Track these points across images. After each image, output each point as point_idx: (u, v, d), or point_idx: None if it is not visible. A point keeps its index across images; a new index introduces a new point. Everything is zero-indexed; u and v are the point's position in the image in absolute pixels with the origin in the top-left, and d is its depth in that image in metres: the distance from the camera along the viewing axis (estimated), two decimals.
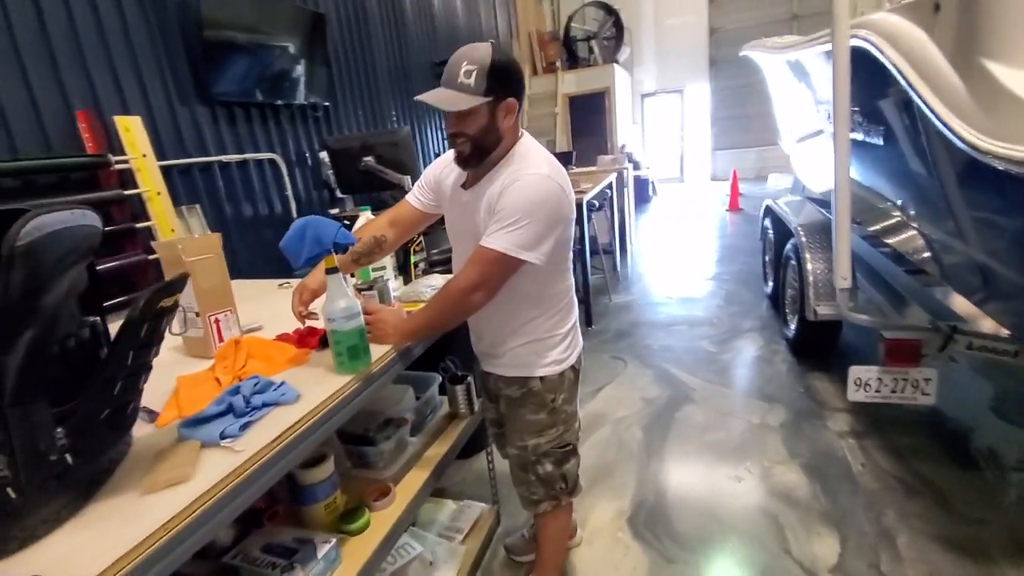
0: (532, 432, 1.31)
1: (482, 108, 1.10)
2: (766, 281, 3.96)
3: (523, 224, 1.08)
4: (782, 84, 3.71)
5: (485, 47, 1.09)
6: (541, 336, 1.27)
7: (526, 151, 1.17)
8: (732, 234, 6.25)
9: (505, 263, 1.10)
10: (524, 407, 1.30)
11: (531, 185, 1.10)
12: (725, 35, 10.12)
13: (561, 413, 1.32)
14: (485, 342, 1.35)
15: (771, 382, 2.71)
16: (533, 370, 1.28)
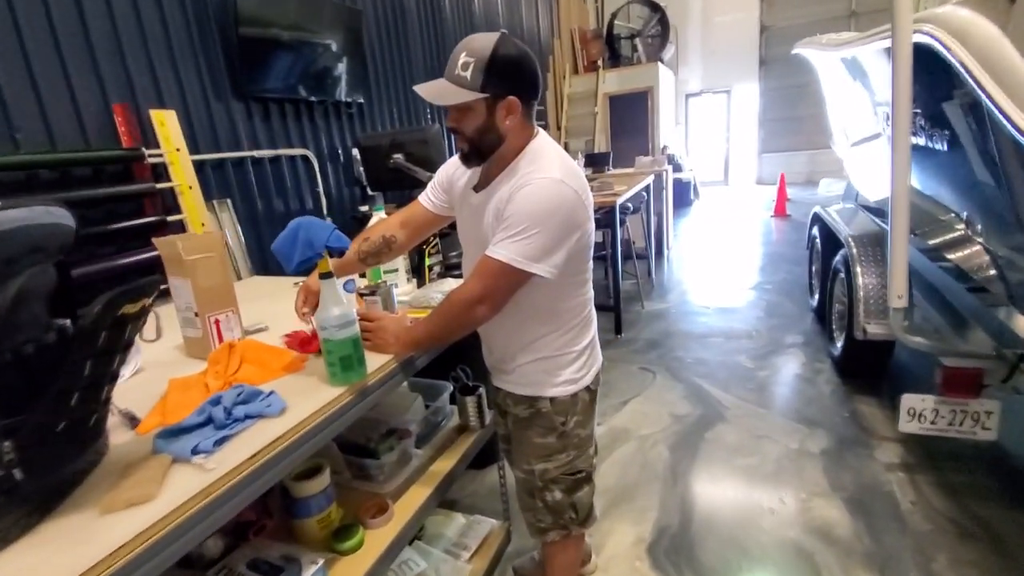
0: (539, 456, 1.22)
1: (478, 105, 1.02)
2: (812, 293, 3.72)
3: (532, 233, 0.99)
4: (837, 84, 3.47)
5: (488, 38, 1.00)
6: (553, 353, 1.17)
7: (539, 152, 1.08)
8: (777, 241, 5.95)
9: (511, 275, 1.01)
10: (531, 429, 1.21)
11: (542, 190, 1.00)
12: (777, 33, 9.70)
13: (572, 437, 1.21)
14: (494, 355, 1.26)
15: (812, 404, 2.51)
16: (543, 389, 1.18)
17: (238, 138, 3.00)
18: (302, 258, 0.96)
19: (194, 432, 0.86)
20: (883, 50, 2.36)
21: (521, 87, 1.04)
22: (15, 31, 2.04)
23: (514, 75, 1.02)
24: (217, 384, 1.02)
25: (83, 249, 2.24)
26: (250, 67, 2.98)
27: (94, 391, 0.70)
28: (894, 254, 1.75)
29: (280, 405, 0.92)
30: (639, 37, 8.05)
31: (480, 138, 1.05)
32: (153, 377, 1.15)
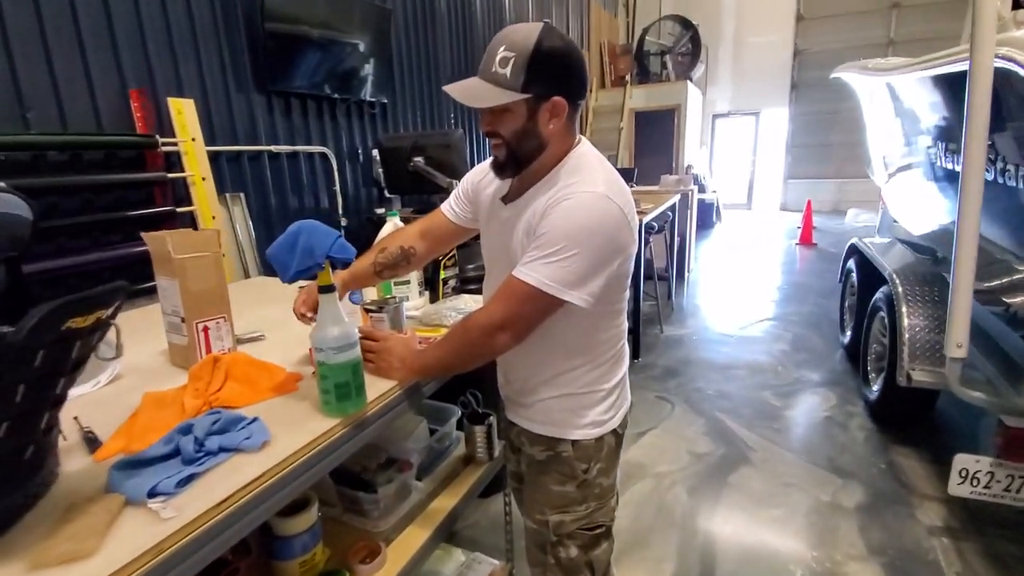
0: (555, 507, 1.06)
1: (519, 107, 0.88)
2: (843, 329, 3.53)
3: (568, 255, 0.85)
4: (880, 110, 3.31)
5: (531, 29, 0.86)
6: (579, 390, 1.02)
7: (581, 162, 0.94)
8: (803, 271, 5.74)
9: (539, 301, 0.87)
10: (548, 474, 1.06)
11: (582, 206, 0.86)
12: (811, 57, 9.54)
13: (594, 487, 1.06)
14: (512, 386, 1.12)
15: (845, 452, 2.33)
16: (565, 430, 1.03)
17: (256, 131, 2.92)
18: (300, 267, 0.83)
19: (157, 465, 0.73)
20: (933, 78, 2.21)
21: (568, 86, 0.90)
22: (34, 6, 1.97)
23: (560, 72, 0.88)
24: (195, 404, 0.89)
25: (89, 235, 2.15)
26: (275, 62, 2.90)
27: (28, 420, 0.57)
28: (956, 298, 1.59)
29: (261, 437, 0.79)
30: (669, 54, 7.94)
31: (519, 144, 0.91)
32: (130, 387, 1.03)
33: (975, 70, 1.45)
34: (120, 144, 2.24)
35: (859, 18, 9.12)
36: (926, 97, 2.37)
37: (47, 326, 0.52)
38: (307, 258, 0.84)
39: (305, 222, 0.88)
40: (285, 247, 0.86)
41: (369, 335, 1.01)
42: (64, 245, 2.08)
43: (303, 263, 0.84)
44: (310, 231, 0.86)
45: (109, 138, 2.20)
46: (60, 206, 2.09)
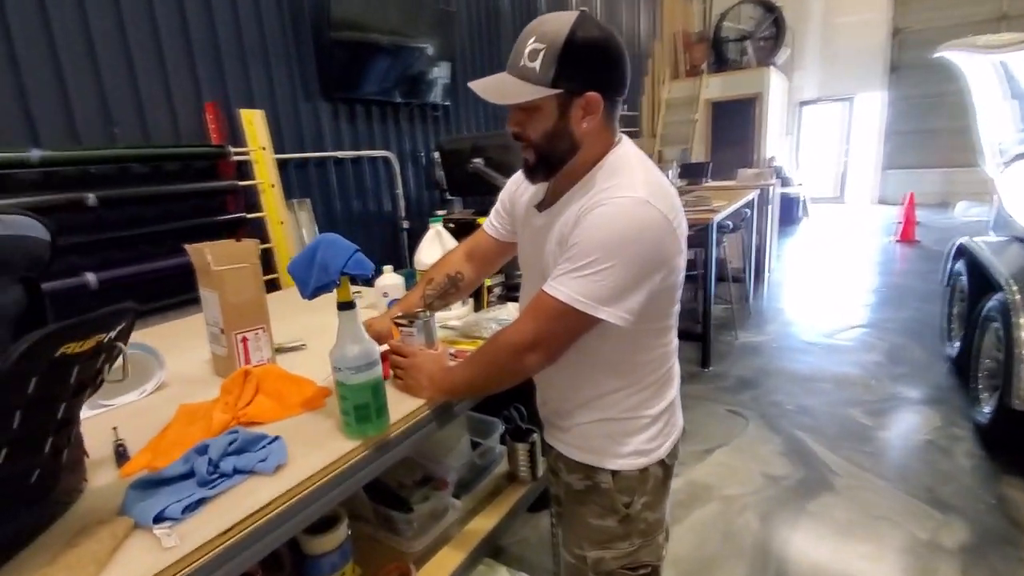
0: (595, 542, 0.97)
1: (548, 104, 0.80)
2: (949, 339, 3.11)
3: (602, 267, 0.76)
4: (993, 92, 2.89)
5: (563, 18, 0.77)
6: (621, 415, 0.92)
7: (619, 164, 0.84)
8: (902, 271, 5.17)
9: (571, 319, 0.79)
10: (586, 506, 0.96)
11: (619, 213, 0.77)
12: (912, 36, 8.59)
13: (638, 522, 0.95)
14: (548, 407, 1.03)
15: (948, 483, 2.03)
16: (604, 459, 0.93)
17: (322, 138, 3.02)
18: (318, 284, 0.80)
19: (172, 486, 0.71)
20: None
21: (604, 79, 0.80)
22: (119, 30, 2.12)
23: (596, 64, 0.79)
24: (224, 419, 0.88)
25: (166, 243, 2.30)
26: (341, 70, 2.98)
27: (30, 445, 0.57)
28: None
29: (277, 460, 0.76)
30: (750, 39, 7.43)
31: (549, 145, 0.83)
32: (173, 396, 1.05)
33: None
34: (195, 155, 2.38)
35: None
36: None
37: (38, 353, 0.51)
38: (323, 274, 0.80)
39: (324, 236, 0.84)
40: (303, 263, 0.83)
41: (398, 351, 0.97)
42: (146, 252, 2.24)
43: (320, 279, 0.81)
44: (327, 246, 0.82)
45: (185, 149, 2.33)
46: (143, 215, 2.25)
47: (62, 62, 1.95)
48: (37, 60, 1.89)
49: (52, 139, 1.94)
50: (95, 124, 2.07)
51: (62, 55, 1.95)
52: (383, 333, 1.04)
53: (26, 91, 1.87)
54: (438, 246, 1.32)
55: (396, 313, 1.06)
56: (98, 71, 2.06)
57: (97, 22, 2.04)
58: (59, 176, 1.95)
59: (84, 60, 2.02)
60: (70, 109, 1.99)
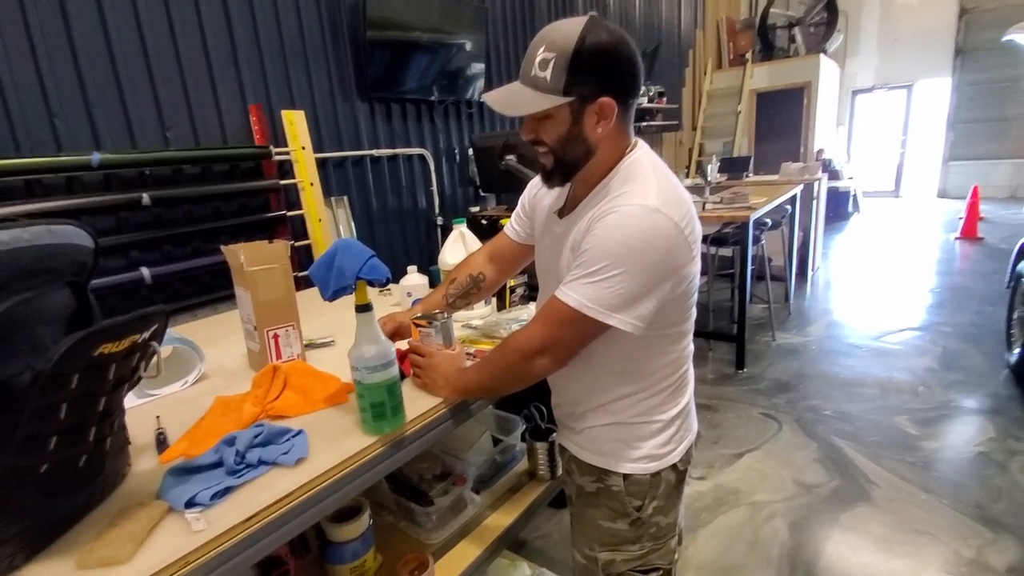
0: (605, 543, 0.98)
1: (561, 111, 0.81)
2: (1011, 345, 2.91)
3: (612, 274, 0.77)
4: None
5: (573, 25, 0.78)
6: (632, 419, 0.93)
7: (632, 170, 0.84)
8: (963, 271, 4.86)
9: (581, 325, 0.80)
10: (597, 508, 0.98)
11: (629, 221, 0.77)
12: (981, 16, 8.00)
13: (650, 526, 0.96)
14: (562, 409, 1.05)
15: (1001, 499, 1.91)
16: (616, 462, 0.94)
17: (360, 137, 3.10)
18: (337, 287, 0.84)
19: (204, 474, 0.77)
20: None
21: (616, 84, 0.81)
22: (171, 40, 2.25)
23: (607, 69, 0.79)
24: (253, 412, 0.94)
25: (216, 240, 2.43)
26: (377, 70, 3.05)
27: (76, 433, 0.63)
28: None
29: (298, 454, 0.81)
30: (799, 26, 7.10)
31: (565, 151, 0.85)
32: (212, 388, 1.13)
33: None
34: (240, 156, 2.49)
35: None
36: None
37: (77, 354, 0.56)
38: (340, 278, 0.84)
39: (342, 241, 0.89)
40: (323, 267, 0.88)
41: (416, 350, 1.01)
42: (197, 248, 2.37)
43: (338, 283, 0.85)
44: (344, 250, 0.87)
45: (230, 151, 2.45)
46: (194, 213, 2.38)
47: (120, 72, 2.09)
48: (99, 71, 2.04)
49: (112, 143, 2.08)
50: (150, 129, 2.21)
51: (120, 66, 2.08)
52: (404, 325, 1.08)
53: (89, 100, 2.01)
54: (461, 247, 1.35)
55: (417, 312, 1.09)
56: (152, 79, 2.19)
57: (151, 34, 2.17)
58: (118, 178, 2.10)
59: (140, 70, 2.16)
60: (128, 115, 2.13)
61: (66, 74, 1.96)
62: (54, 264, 0.65)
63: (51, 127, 1.92)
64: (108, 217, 2.04)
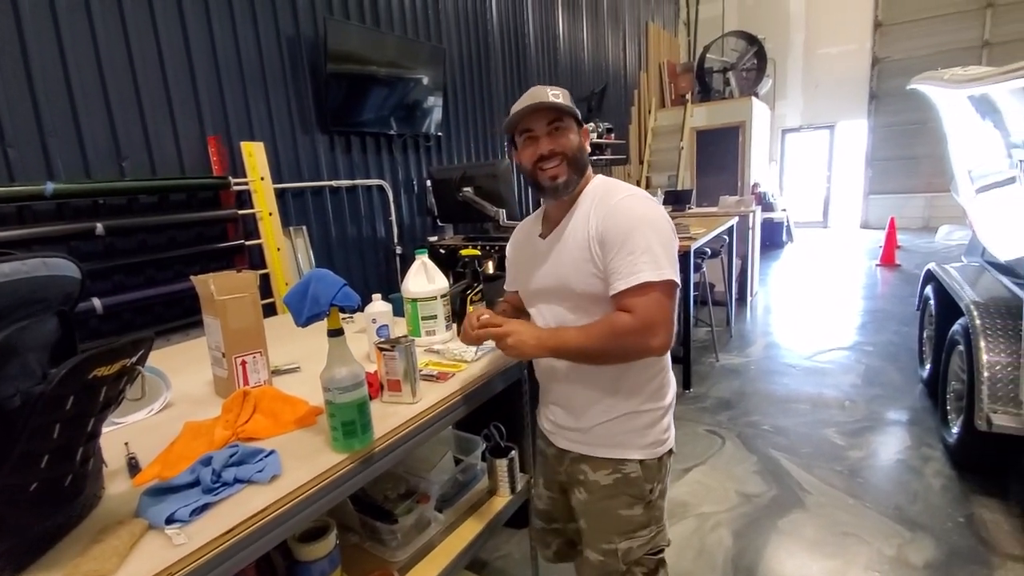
0: (624, 532, 1.07)
1: (572, 125, 1.05)
2: (922, 362, 3.23)
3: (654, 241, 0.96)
4: (962, 123, 3.05)
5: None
6: (641, 407, 1.06)
7: (605, 183, 1.07)
8: (883, 295, 5.31)
9: (670, 291, 0.96)
10: (616, 498, 1.07)
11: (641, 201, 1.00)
12: (892, 65, 8.94)
13: (656, 509, 1.08)
14: (566, 414, 1.13)
15: (917, 501, 2.12)
16: (631, 451, 1.06)
17: (319, 168, 3.15)
18: (310, 313, 0.91)
19: (180, 493, 0.81)
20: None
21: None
22: (130, 70, 2.26)
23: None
24: (224, 435, 0.98)
25: (172, 269, 2.41)
26: (337, 103, 3.13)
27: (66, 453, 0.67)
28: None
29: (272, 471, 0.86)
30: (732, 70, 7.72)
31: (576, 158, 1.04)
32: (178, 415, 1.15)
33: None
34: (198, 187, 2.50)
35: (947, 20, 8.45)
36: (1010, 108, 2.17)
37: (75, 376, 0.62)
38: (315, 305, 0.91)
39: (316, 271, 0.96)
40: (298, 294, 0.94)
41: (490, 323, 1.06)
42: (152, 277, 2.35)
43: (312, 309, 0.92)
44: (318, 280, 0.94)
45: (188, 181, 2.46)
46: (149, 243, 2.36)
47: (76, 101, 2.08)
48: (55, 99, 2.03)
49: (66, 172, 2.06)
50: (106, 158, 2.20)
51: (76, 94, 2.08)
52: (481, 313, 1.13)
53: (43, 128, 1.99)
54: (423, 276, 1.43)
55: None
56: (109, 108, 2.20)
57: (109, 63, 2.18)
58: (71, 207, 2.07)
59: (97, 99, 2.16)
60: (83, 144, 2.11)
61: (20, 102, 1.95)
62: (47, 294, 0.70)
63: (3, 155, 1.90)
64: (59, 246, 2.00)
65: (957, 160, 3.36)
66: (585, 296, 1.03)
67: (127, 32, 2.24)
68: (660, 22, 8.24)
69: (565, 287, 1.05)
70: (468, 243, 3.47)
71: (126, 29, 2.24)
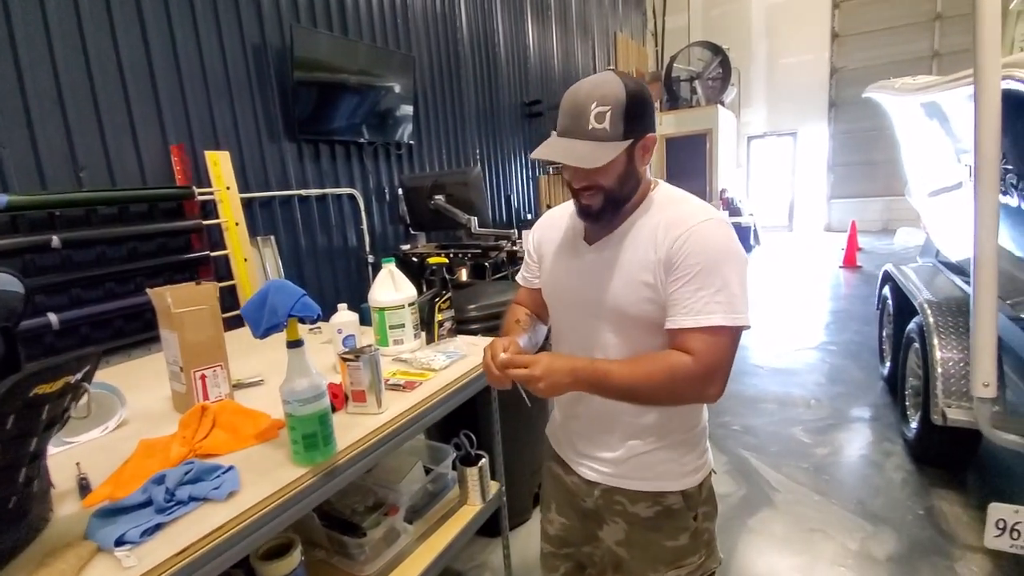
0: (669, 563, 0.99)
1: (622, 155, 0.87)
2: (883, 360, 3.34)
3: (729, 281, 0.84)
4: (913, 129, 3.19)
5: (614, 80, 0.86)
6: (682, 435, 0.97)
7: (669, 192, 0.95)
8: (846, 296, 5.49)
9: (736, 337, 0.86)
10: (659, 531, 0.99)
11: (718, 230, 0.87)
12: (849, 74, 9.29)
13: (703, 533, 1.00)
14: (592, 444, 1.02)
15: (879, 495, 2.18)
16: (671, 482, 0.97)
17: (288, 177, 3.10)
18: (268, 324, 0.89)
19: (132, 514, 0.79)
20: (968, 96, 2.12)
21: (652, 121, 0.91)
22: (87, 76, 2.20)
23: (647, 110, 0.89)
24: (181, 452, 0.95)
25: (134, 281, 2.34)
26: (305, 111, 3.09)
27: (7, 475, 0.64)
28: (978, 334, 1.50)
29: (229, 487, 0.84)
30: (699, 79, 7.91)
31: (621, 188, 0.90)
32: (134, 432, 1.11)
33: (980, 98, 1.40)
34: (160, 197, 2.44)
35: (899, 32, 8.85)
36: (957, 116, 2.28)
37: (14, 394, 0.59)
38: (273, 316, 0.90)
39: (274, 282, 0.94)
40: (256, 306, 0.92)
41: (513, 363, 0.89)
42: (111, 291, 2.27)
43: (270, 320, 0.90)
44: (276, 291, 0.92)
45: (150, 192, 2.39)
46: (108, 255, 2.28)
47: (31, 109, 2.02)
48: (9, 108, 1.96)
49: (20, 184, 1.98)
50: (62, 168, 2.13)
51: (32, 103, 2.01)
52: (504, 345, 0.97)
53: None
54: (390, 285, 1.42)
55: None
56: (66, 117, 2.13)
57: (65, 70, 2.12)
58: (27, 220, 1.99)
59: (53, 107, 2.09)
60: (38, 155, 2.04)
61: None
62: None
63: None
64: (13, 260, 1.92)
65: (910, 165, 3.51)
66: (635, 321, 0.92)
67: (84, 38, 2.18)
68: (628, 32, 8.40)
69: (615, 308, 0.93)
70: (440, 251, 3.46)
71: (83, 35, 2.18)
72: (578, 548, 1.12)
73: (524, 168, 5.59)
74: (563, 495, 1.11)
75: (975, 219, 1.46)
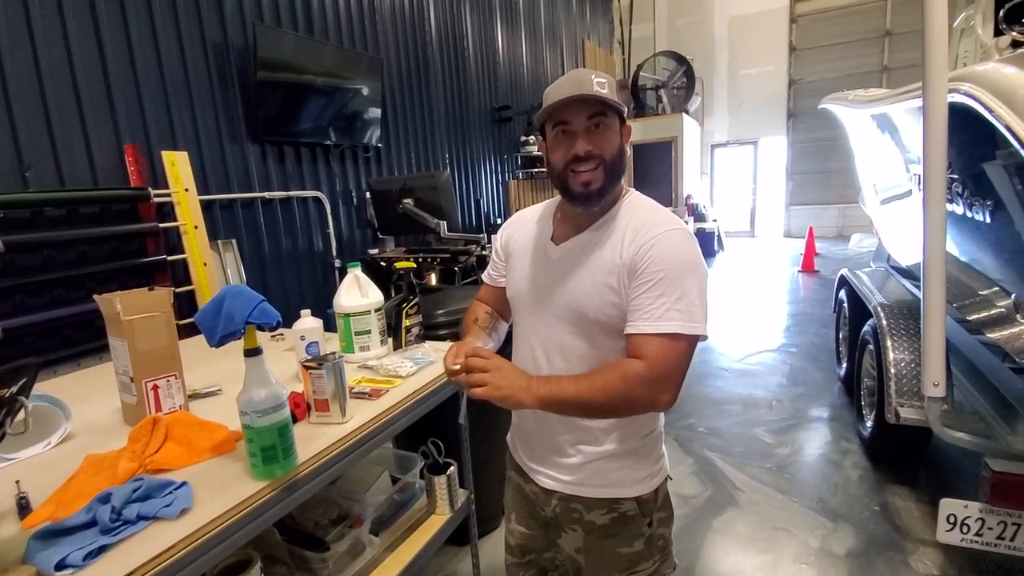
0: (623, 569, 1.00)
1: (615, 123, 0.90)
2: (839, 361, 3.46)
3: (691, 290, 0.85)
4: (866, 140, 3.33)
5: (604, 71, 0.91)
6: (637, 442, 0.97)
7: (640, 200, 0.97)
8: (805, 299, 5.68)
9: (690, 346, 0.86)
10: (615, 537, 0.99)
11: (683, 241, 0.88)
12: (806, 86, 9.67)
13: (658, 539, 1.01)
14: (547, 452, 1.02)
15: (838, 493, 2.25)
16: (625, 489, 0.97)
17: (250, 179, 3.02)
18: (224, 332, 0.85)
19: (75, 535, 0.74)
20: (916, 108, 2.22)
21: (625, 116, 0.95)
22: (35, 67, 2.08)
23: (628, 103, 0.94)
24: (131, 468, 0.90)
25: (84, 287, 2.22)
26: (268, 111, 3.02)
27: None
28: (928, 336, 1.56)
29: (181, 504, 0.80)
30: (664, 88, 8.09)
31: (615, 163, 0.91)
32: (79, 447, 1.05)
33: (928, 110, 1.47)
34: (113, 198, 2.33)
35: (852, 47, 9.27)
36: (906, 127, 2.39)
37: None
38: (229, 323, 0.86)
39: (231, 287, 0.90)
40: (211, 312, 0.88)
41: (477, 353, 0.88)
42: (60, 296, 2.15)
43: (227, 328, 0.86)
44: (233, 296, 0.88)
45: (102, 193, 2.29)
46: (56, 259, 2.16)
47: None
48: None
49: None
50: (5, 166, 2.01)
51: None
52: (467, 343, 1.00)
53: None
54: (356, 290, 1.39)
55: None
56: (11, 113, 2.02)
57: (10, 59, 2.01)
58: None
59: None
60: None
61: None
62: None
63: None
64: None
65: (863, 174, 3.67)
66: (597, 323, 0.92)
67: (32, 31, 2.07)
68: (596, 40, 8.53)
69: (577, 310, 0.93)
70: (409, 255, 3.42)
71: (31, 29, 2.07)
72: (540, 555, 1.13)
73: (494, 172, 5.59)
74: (523, 504, 1.12)
75: (924, 226, 1.53)
